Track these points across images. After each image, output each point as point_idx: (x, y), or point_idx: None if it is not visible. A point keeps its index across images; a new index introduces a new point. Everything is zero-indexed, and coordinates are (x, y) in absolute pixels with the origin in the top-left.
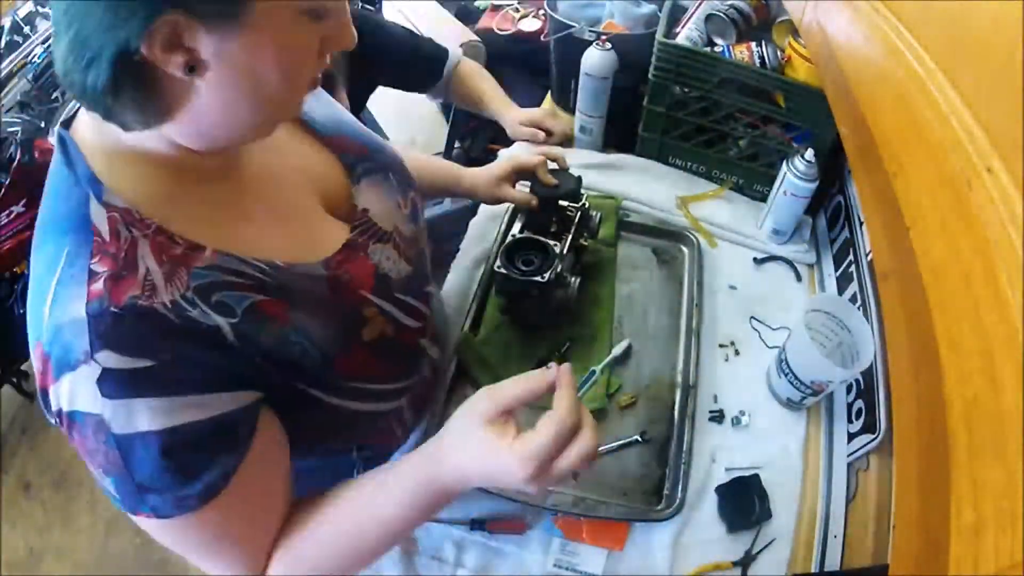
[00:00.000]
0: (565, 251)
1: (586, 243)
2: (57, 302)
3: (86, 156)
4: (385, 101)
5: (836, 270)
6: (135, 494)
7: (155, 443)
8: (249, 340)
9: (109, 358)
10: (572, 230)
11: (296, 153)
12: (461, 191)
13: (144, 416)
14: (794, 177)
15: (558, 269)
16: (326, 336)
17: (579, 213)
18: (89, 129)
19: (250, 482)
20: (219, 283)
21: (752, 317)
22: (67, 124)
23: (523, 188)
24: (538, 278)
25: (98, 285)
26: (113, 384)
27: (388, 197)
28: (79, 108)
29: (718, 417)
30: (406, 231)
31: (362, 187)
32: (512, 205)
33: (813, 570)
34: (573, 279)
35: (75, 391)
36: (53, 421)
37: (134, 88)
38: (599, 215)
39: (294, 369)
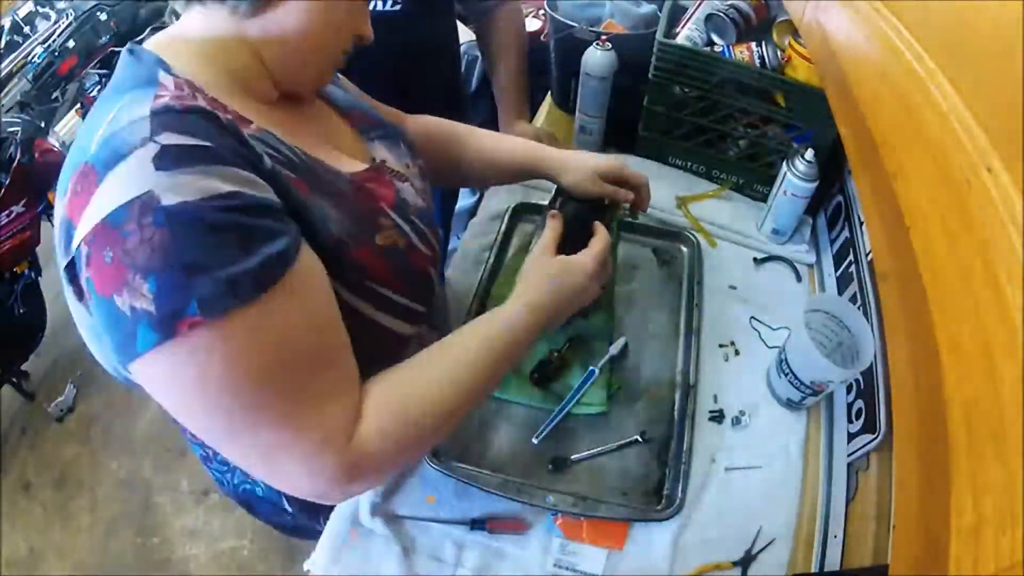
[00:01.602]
0: None
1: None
2: (116, 118)
3: (151, 51)
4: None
5: (836, 270)
6: (181, 285)
7: (209, 208)
8: (280, 188)
9: (170, 137)
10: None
11: (321, 113)
12: (541, 172)
13: (197, 184)
14: (794, 177)
15: None
16: (341, 225)
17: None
18: (157, 44)
19: (308, 286)
20: (259, 150)
21: (752, 317)
22: (138, 43)
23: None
24: None
25: (164, 98)
26: (170, 157)
27: (399, 157)
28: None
29: (718, 417)
30: (417, 184)
31: (376, 145)
32: (512, 206)
33: (813, 570)
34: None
35: (122, 179)
36: (66, 278)
37: None
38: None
39: (313, 241)
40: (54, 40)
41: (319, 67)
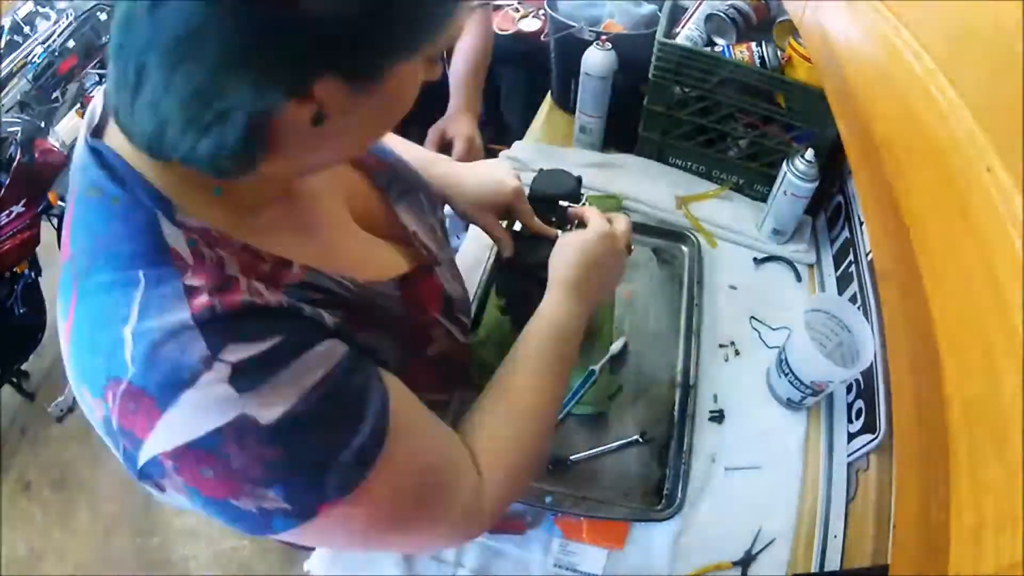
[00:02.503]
0: None
1: None
2: (146, 324)
3: (141, 173)
4: None
5: (836, 270)
6: (314, 483)
7: (309, 409)
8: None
9: (236, 351)
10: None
11: (335, 174)
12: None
13: (288, 391)
14: (794, 177)
15: None
16: (397, 351)
17: None
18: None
19: (408, 411)
20: (308, 299)
21: (752, 317)
22: (97, 134)
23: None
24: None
25: (202, 298)
26: (247, 375)
27: (423, 218)
28: (103, 116)
29: (718, 417)
30: (444, 255)
31: (401, 208)
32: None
33: (813, 570)
34: None
35: (199, 410)
36: (140, 479)
37: (257, 144)
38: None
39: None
40: (54, 40)
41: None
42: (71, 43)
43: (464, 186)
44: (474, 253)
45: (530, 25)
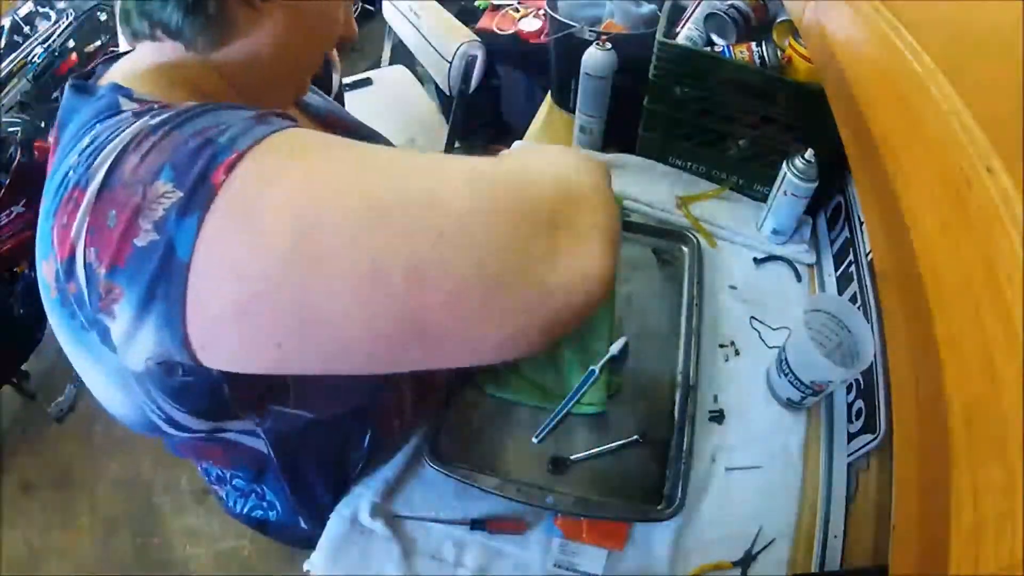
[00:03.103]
0: None
1: None
2: (90, 143)
3: (114, 82)
4: (385, 101)
5: (836, 270)
6: (198, 149)
7: (197, 106)
8: None
9: (146, 108)
10: None
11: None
12: None
13: (179, 107)
14: (794, 177)
15: None
16: None
17: None
18: (119, 73)
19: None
20: None
21: (752, 317)
22: (85, 77)
23: None
24: None
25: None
26: (146, 111)
27: None
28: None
29: (718, 417)
30: None
31: None
32: None
33: (813, 570)
34: None
35: (107, 152)
36: (72, 315)
37: (211, 10)
38: None
39: None
40: (54, 40)
41: (297, 83)
42: (71, 43)
43: None
44: None
45: (530, 25)
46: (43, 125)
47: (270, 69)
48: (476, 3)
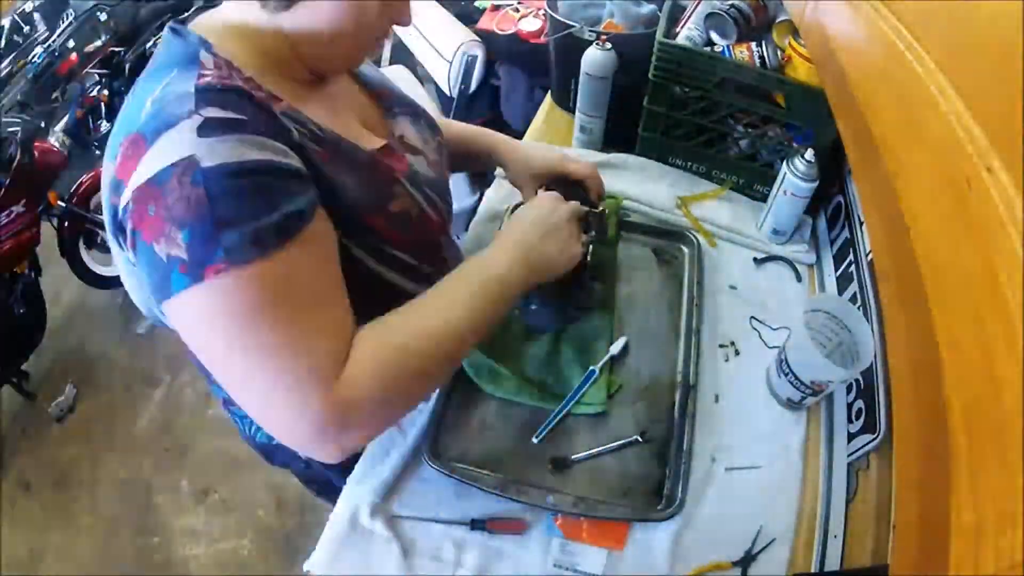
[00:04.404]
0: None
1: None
2: (163, 92)
3: (198, 33)
4: None
5: (836, 270)
6: (211, 237)
7: (240, 169)
8: (305, 158)
9: (212, 111)
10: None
11: (348, 90)
12: (493, 161)
13: (233, 150)
14: (794, 177)
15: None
16: (358, 193)
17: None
18: (199, 24)
19: (317, 252)
20: (288, 123)
21: (752, 317)
22: (181, 21)
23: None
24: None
25: (207, 77)
26: (211, 127)
27: (419, 132)
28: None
29: (718, 417)
30: (432, 157)
31: (398, 121)
32: (513, 206)
33: (813, 570)
34: (594, 283)
35: (168, 145)
36: (112, 231)
37: None
38: (604, 211)
39: (333, 205)
40: (54, 40)
41: (350, 56)
42: (71, 43)
43: (519, 151)
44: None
45: (530, 25)
46: (43, 125)
47: (328, 42)
48: (476, 3)
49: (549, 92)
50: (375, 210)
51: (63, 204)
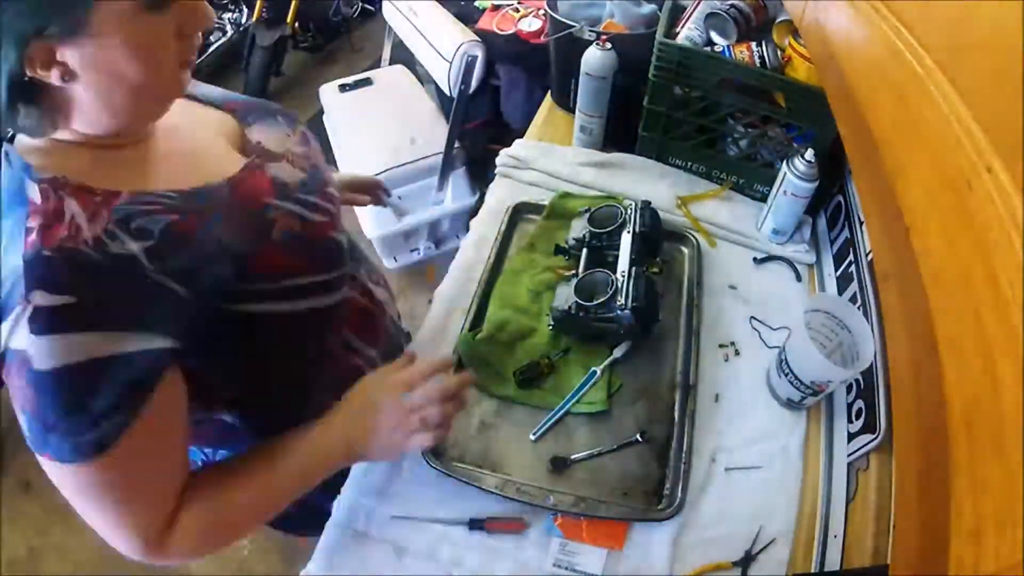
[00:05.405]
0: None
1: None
2: (4, 256)
3: (21, 153)
4: (385, 101)
5: (836, 270)
6: (41, 434)
7: (60, 381)
8: (164, 263)
9: (39, 297)
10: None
11: (197, 117)
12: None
13: (59, 352)
14: (794, 177)
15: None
16: (236, 239)
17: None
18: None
19: (146, 442)
20: (136, 212)
21: (752, 317)
22: (11, 140)
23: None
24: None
25: (32, 236)
26: (40, 321)
27: (277, 131)
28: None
29: (718, 417)
30: (298, 151)
31: (254, 128)
32: (513, 206)
33: (813, 570)
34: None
35: (12, 330)
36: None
37: (29, 102)
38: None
39: (212, 286)
40: None
41: (166, 92)
42: None
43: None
44: (475, 253)
45: (530, 25)
46: None
47: (114, 116)
48: (476, 3)
49: (549, 92)
50: (260, 248)
51: None
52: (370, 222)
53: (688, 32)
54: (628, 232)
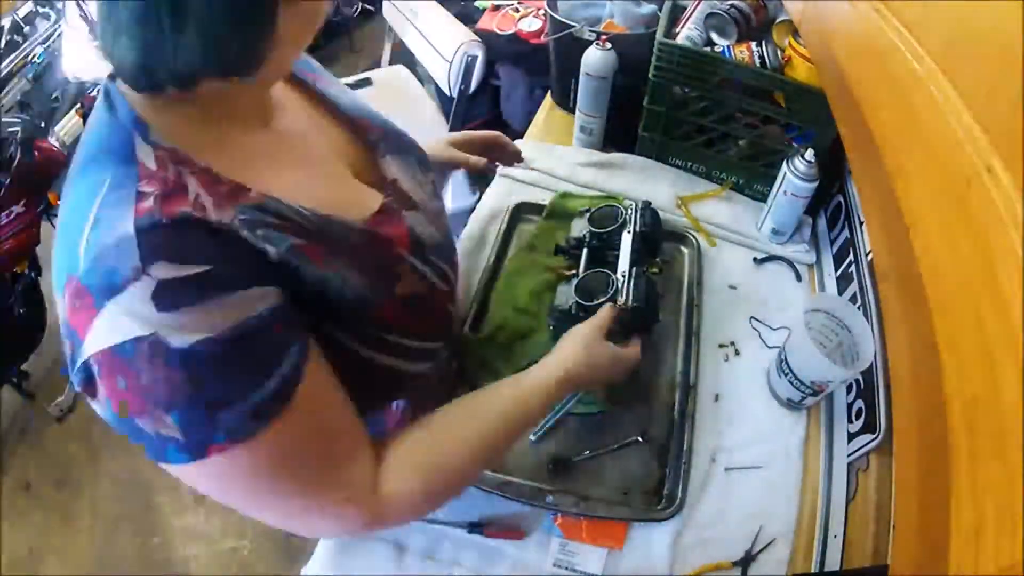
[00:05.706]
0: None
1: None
2: (99, 226)
3: (130, 102)
4: (385, 101)
5: (836, 270)
6: (206, 419)
7: (220, 347)
8: (291, 272)
9: (163, 269)
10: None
11: (320, 124)
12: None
13: (204, 322)
14: (794, 177)
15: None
16: (363, 284)
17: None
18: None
19: (320, 384)
20: (262, 222)
21: (752, 317)
22: (112, 79)
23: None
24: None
25: (147, 203)
26: (169, 296)
27: (411, 171)
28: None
29: (719, 417)
30: (430, 206)
31: (388, 161)
32: (513, 206)
33: (813, 570)
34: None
35: (122, 316)
36: (77, 382)
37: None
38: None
39: (331, 311)
40: (54, 40)
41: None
42: None
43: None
44: (475, 253)
45: (530, 25)
46: (43, 125)
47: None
48: (476, 3)
49: (549, 92)
50: (381, 301)
51: None
52: None
53: (688, 32)
54: (628, 232)
